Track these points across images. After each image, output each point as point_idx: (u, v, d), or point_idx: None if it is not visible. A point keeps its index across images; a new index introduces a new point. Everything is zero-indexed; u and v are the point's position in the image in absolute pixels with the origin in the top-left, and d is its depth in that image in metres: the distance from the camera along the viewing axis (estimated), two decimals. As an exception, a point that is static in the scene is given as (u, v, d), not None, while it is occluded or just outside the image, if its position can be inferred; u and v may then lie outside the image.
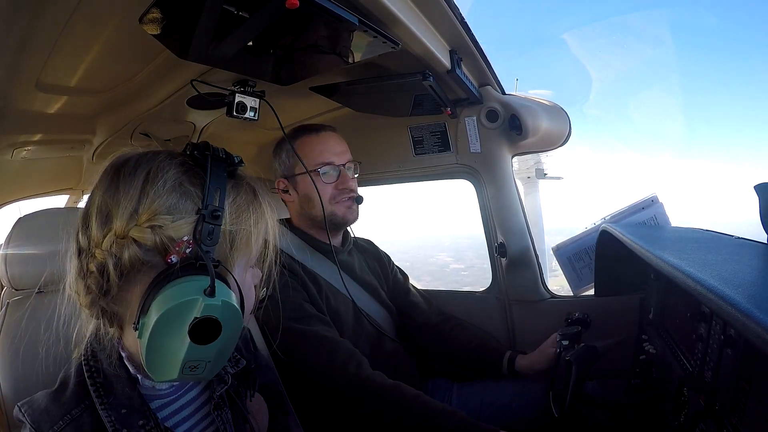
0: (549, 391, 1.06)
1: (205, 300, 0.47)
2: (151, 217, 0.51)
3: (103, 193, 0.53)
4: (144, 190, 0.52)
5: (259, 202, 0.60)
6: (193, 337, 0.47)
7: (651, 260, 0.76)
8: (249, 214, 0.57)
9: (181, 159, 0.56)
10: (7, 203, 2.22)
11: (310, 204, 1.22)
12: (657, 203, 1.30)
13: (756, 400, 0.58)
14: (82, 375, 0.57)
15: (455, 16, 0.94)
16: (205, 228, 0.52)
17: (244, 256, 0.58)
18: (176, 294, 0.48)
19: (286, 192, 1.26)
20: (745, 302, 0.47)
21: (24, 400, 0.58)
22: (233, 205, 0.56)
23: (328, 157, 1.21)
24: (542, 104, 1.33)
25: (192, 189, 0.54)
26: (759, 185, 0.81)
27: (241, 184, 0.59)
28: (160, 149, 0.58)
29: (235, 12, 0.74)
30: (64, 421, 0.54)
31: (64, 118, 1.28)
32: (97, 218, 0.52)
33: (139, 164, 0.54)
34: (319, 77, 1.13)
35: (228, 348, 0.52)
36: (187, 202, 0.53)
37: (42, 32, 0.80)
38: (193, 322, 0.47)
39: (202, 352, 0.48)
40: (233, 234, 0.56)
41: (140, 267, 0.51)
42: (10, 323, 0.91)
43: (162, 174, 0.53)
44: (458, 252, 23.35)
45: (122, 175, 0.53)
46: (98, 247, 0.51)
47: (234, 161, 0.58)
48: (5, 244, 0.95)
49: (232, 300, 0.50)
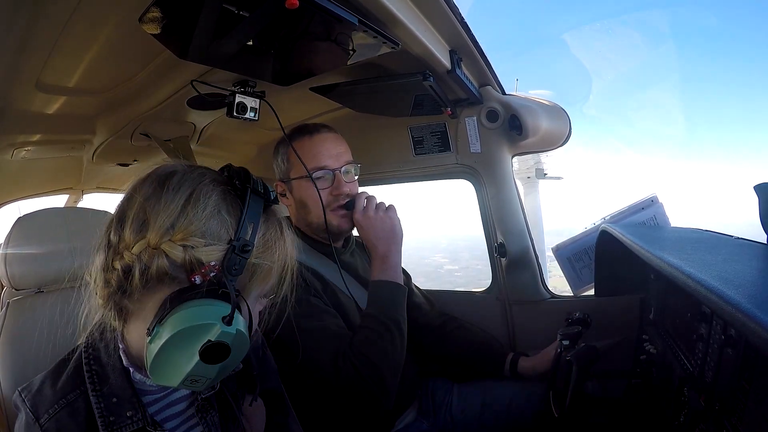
0: (549, 391, 1.06)
1: (222, 327, 0.50)
2: (185, 237, 0.53)
3: (143, 200, 0.55)
4: (185, 209, 0.54)
5: (284, 239, 0.63)
6: (202, 356, 0.50)
7: (651, 260, 0.76)
8: (274, 250, 0.60)
9: (223, 187, 0.58)
10: (7, 203, 2.23)
11: (305, 210, 1.18)
12: (657, 203, 1.30)
13: (756, 400, 0.58)
14: (80, 361, 0.59)
15: (455, 16, 0.94)
16: (233, 258, 0.54)
17: (260, 287, 0.61)
18: (197, 315, 0.51)
19: (283, 195, 1.23)
20: (745, 302, 0.47)
21: (23, 385, 0.59)
22: (262, 239, 0.59)
23: (322, 161, 1.15)
24: (542, 104, 1.32)
25: (228, 218, 0.56)
26: (759, 185, 0.81)
27: (272, 220, 0.62)
28: (204, 168, 0.62)
29: (236, 11, 0.74)
30: (60, 405, 0.55)
31: (64, 118, 1.28)
32: (133, 222, 0.54)
33: (184, 181, 0.57)
34: (319, 77, 1.13)
35: (230, 368, 0.55)
36: (221, 229, 0.55)
37: (42, 32, 0.80)
38: (206, 344, 0.50)
39: (207, 369, 0.51)
40: (256, 266, 0.58)
41: (164, 278, 0.53)
42: (10, 323, 0.91)
43: (204, 198, 0.56)
44: (454, 253, 23.40)
45: (166, 187, 0.56)
46: (128, 249, 0.53)
47: (270, 197, 0.61)
48: (5, 244, 0.95)
49: (245, 329, 0.53)
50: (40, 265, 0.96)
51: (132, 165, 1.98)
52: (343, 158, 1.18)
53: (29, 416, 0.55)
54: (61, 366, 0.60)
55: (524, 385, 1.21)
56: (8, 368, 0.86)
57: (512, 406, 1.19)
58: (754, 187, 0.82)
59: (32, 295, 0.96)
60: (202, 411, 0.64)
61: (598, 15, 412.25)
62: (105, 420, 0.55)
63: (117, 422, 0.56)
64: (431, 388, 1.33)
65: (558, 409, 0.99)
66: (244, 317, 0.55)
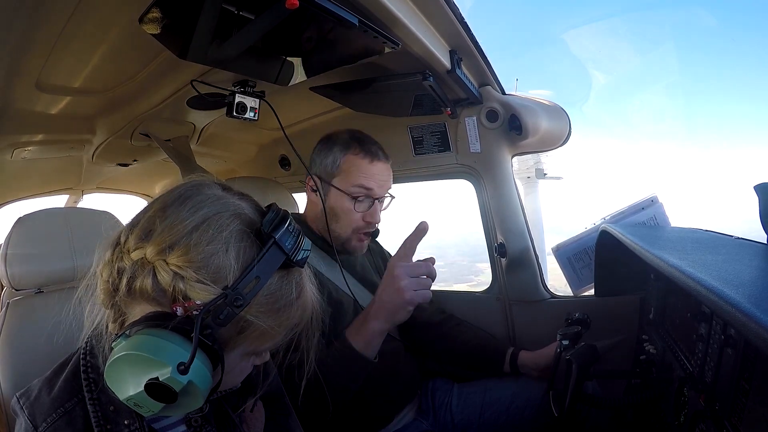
0: (549, 390, 1.06)
1: (173, 373, 0.46)
2: (180, 264, 0.49)
3: (157, 209, 0.53)
4: (190, 235, 0.50)
5: (299, 305, 0.56)
6: (147, 389, 0.47)
7: (651, 260, 0.76)
8: (280, 315, 0.54)
9: (243, 228, 0.52)
10: (7, 203, 2.23)
11: (333, 218, 1.17)
12: (657, 203, 1.30)
13: (756, 400, 0.58)
14: (78, 369, 0.58)
15: (455, 16, 0.94)
16: (221, 307, 0.48)
17: (251, 345, 0.55)
18: (153, 347, 0.46)
19: (314, 191, 1.20)
20: (745, 302, 0.47)
21: (21, 390, 0.58)
22: (268, 298, 0.53)
23: (370, 186, 1.14)
24: (542, 104, 1.32)
25: (233, 263, 0.51)
26: (759, 185, 0.81)
27: (290, 280, 0.55)
28: (240, 197, 0.56)
29: (236, 12, 0.74)
30: (58, 414, 0.54)
31: (64, 118, 1.28)
32: (140, 228, 0.52)
33: (204, 205, 0.53)
34: (319, 77, 1.13)
35: (178, 410, 0.50)
36: (221, 271, 0.50)
37: (42, 32, 0.81)
38: (152, 380, 0.46)
39: (150, 402, 0.48)
40: (249, 323, 0.52)
41: (146, 296, 0.51)
42: (10, 323, 0.91)
43: (215, 230, 0.51)
44: (441, 249, 23.47)
45: (184, 206, 0.52)
46: (128, 253, 0.52)
47: (297, 257, 0.53)
48: (5, 244, 0.95)
49: (200, 383, 0.48)
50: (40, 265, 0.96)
51: (132, 165, 1.98)
52: (385, 187, 1.19)
53: (28, 425, 0.54)
54: (58, 372, 0.58)
55: (524, 385, 1.21)
56: (8, 368, 0.86)
57: (512, 406, 1.20)
58: (754, 187, 0.82)
59: (32, 295, 0.96)
60: (196, 426, 0.62)
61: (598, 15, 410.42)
62: (102, 429, 0.54)
63: (114, 431, 0.55)
64: (431, 387, 1.33)
65: (558, 409, 0.99)
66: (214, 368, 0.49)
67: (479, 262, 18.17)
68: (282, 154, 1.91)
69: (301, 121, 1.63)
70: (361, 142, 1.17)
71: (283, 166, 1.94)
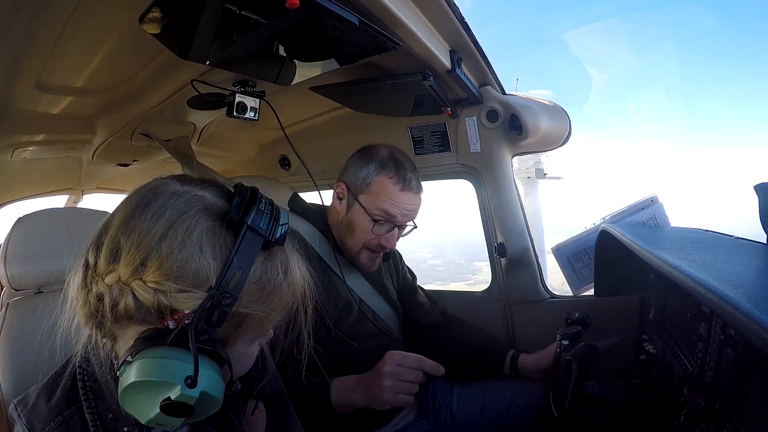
0: (549, 391, 1.06)
1: (183, 389, 0.45)
2: (157, 279, 0.46)
3: (118, 226, 0.49)
4: (159, 245, 0.47)
5: (288, 282, 0.54)
6: (163, 410, 0.46)
7: (651, 260, 0.76)
8: (272, 299, 0.52)
9: (212, 223, 0.50)
10: (7, 203, 2.23)
11: (349, 231, 1.18)
12: (657, 203, 1.30)
13: (756, 400, 0.58)
14: (75, 376, 0.57)
15: (455, 15, 0.94)
16: (212, 310, 0.47)
17: (252, 334, 0.54)
18: (157, 370, 0.45)
19: (340, 199, 1.20)
20: (745, 302, 0.47)
21: (19, 397, 0.58)
22: (256, 285, 0.51)
23: (394, 213, 1.13)
24: (542, 104, 1.32)
25: (211, 262, 0.48)
26: (759, 185, 0.81)
27: (274, 261, 0.53)
28: (201, 189, 0.53)
29: (237, 11, 0.74)
30: (56, 423, 0.54)
31: (64, 118, 1.28)
32: (107, 249, 0.49)
33: (166, 209, 0.49)
34: (319, 77, 1.13)
35: (198, 418, 0.50)
36: (201, 273, 0.48)
37: (42, 32, 0.81)
38: (166, 401, 0.45)
39: (170, 420, 0.47)
40: (244, 316, 0.51)
41: (133, 317, 0.48)
42: (10, 323, 0.91)
43: (184, 233, 0.48)
44: (440, 248, 23.46)
45: (146, 214, 0.48)
46: (102, 277, 0.48)
47: (275, 234, 0.51)
48: (5, 244, 0.95)
49: (213, 390, 0.47)
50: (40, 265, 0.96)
51: (132, 165, 1.98)
52: (409, 217, 1.18)
53: None
54: (55, 380, 0.58)
55: (524, 386, 1.21)
56: (8, 368, 0.86)
57: (512, 407, 1.19)
58: (754, 187, 0.82)
59: (32, 296, 0.96)
60: (198, 429, 0.62)
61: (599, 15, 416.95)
62: None
63: None
64: (431, 388, 1.33)
65: (558, 409, 0.99)
66: (222, 367, 0.49)
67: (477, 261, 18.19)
68: (282, 153, 1.92)
69: (302, 120, 1.63)
70: (398, 165, 1.15)
71: (283, 165, 1.94)
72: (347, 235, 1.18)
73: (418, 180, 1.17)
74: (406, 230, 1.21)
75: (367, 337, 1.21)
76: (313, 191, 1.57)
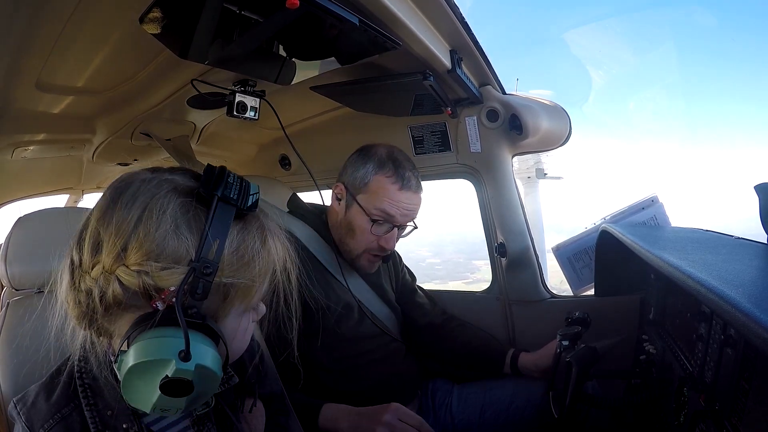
0: (549, 391, 1.06)
1: (177, 363, 0.46)
2: (138, 261, 0.48)
3: (97, 219, 0.51)
4: (136, 229, 0.49)
5: (268, 249, 0.55)
6: (163, 390, 0.47)
7: (651, 260, 0.76)
8: (253, 266, 0.53)
9: (184, 199, 0.51)
10: (7, 203, 2.23)
11: (348, 232, 1.17)
12: (657, 203, 1.30)
13: (756, 400, 0.58)
14: (73, 374, 0.58)
15: (455, 15, 0.94)
16: (195, 282, 0.48)
17: (241, 304, 0.55)
18: (150, 350, 0.46)
19: (338, 199, 1.19)
20: (745, 302, 0.47)
21: (18, 396, 0.59)
22: (235, 255, 0.52)
23: (393, 213, 1.12)
24: (543, 104, 1.32)
25: (188, 236, 0.50)
26: (759, 185, 0.81)
27: (250, 229, 0.54)
28: (170, 174, 0.54)
29: (237, 11, 0.74)
30: (54, 420, 0.55)
31: (65, 117, 1.28)
32: (89, 243, 0.51)
33: (138, 195, 0.51)
34: (320, 77, 1.13)
35: (203, 396, 0.51)
36: (180, 249, 0.49)
37: (42, 32, 0.81)
38: (164, 379, 0.46)
39: (172, 402, 0.48)
40: (229, 286, 0.52)
41: (123, 305, 0.50)
42: (10, 323, 0.90)
43: (158, 213, 0.49)
44: (439, 247, 23.50)
45: (120, 203, 0.50)
46: (87, 273, 0.50)
47: (247, 203, 0.53)
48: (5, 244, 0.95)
49: (208, 362, 0.48)
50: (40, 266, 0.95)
51: (132, 164, 1.98)
52: (409, 217, 1.16)
53: (26, 430, 0.55)
54: (54, 378, 0.58)
55: (524, 386, 1.21)
56: (8, 368, 0.86)
57: (512, 407, 1.20)
58: (754, 187, 0.82)
59: (32, 295, 0.96)
60: (199, 424, 0.62)
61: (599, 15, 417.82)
62: None
63: None
64: (431, 388, 1.33)
65: (558, 409, 0.99)
66: (217, 342, 0.50)
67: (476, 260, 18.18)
68: (282, 153, 1.92)
69: (302, 120, 1.63)
70: (396, 164, 1.14)
71: (283, 165, 1.94)
72: (347, 236, 1.18)
73: (417, 179, 1.16)
74: (406, 231, 1.20)
75: (367, 338, 1.21)
76: (313, 191, 1.57)
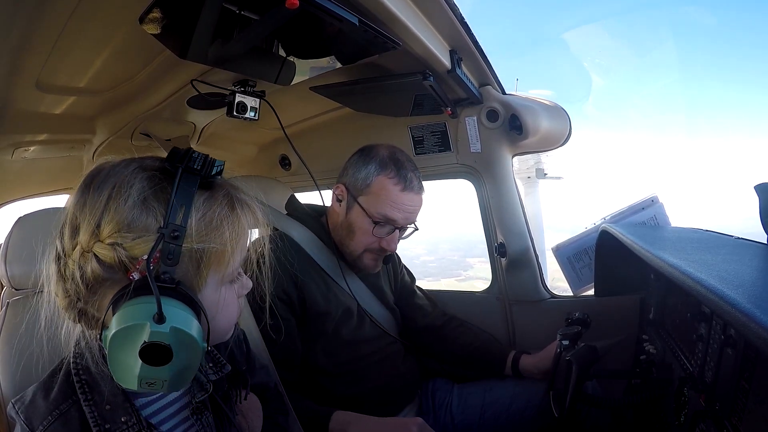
0: (549, 391, 1.06)
1: (152, 326, 0.46)
2: (111, 234, 0.50)
3: (73, 204, 0.54)
4: (107, 206, 0.51)
5: (237, 215, 0.57)
6: (143, 358, 0.47)
7: (651, 260, 0.76)
8: (222, 231, 0.55)
9: (151, 173, 0.54)
10: (8, 203, 2.23)
11: (349, 233, 1.16)
12: (657, 203, 1.30)
13: (756, 400, 0.58)
14: (69, 371, 0.58)
15: (455, 15, 0.94)
16: (165, 248, 0.50)
17: (216, 273, 0.56)
18: (126, 316, 0.47)
19: (339, 201, 1.18)
20: (745, 302, 0.47)
21: (16, 396, 0.59)
22: (202, 221, 0.54)
23: (394, 215, 1.11)
24: (543, 104, 1.32)
25: (155, 205, 0.52)
26: (759, 185, 0.81)
27: (216, 197, 0.56)
28: (139, 158, 0.57)
29: (236, 11, 0.74)
30: (53, 416, 0.55)
31: (65, 118, 1.28)
32: (68, 228, 0.53)
33: (109, 177, 0.53)
34: (320, 77, 1.13)
35: (187, 368, 0.51)
36: (149, 218, 0.52)
37: (42, 32, 0.81)
38: (142, 346, 0.47)
39: (155, 372, 0.48)
40: (200, 252, 0.54)
41: (102, 281, 0.52)
42: (10, 323, 0.90)
43: (126, 188, 0.52)
44: (434, 245, 23.61)
45: (92, 187, 0.53)
46: (69, 257, 0.52)
47: (211, 172, 0.55)
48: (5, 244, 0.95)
49: (185, 326, 0.48)
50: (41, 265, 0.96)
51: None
52: (410, 219, 1.16)
53: (25, 429, 0.55)
54: (52, 376, 0.59)
55: (524, 386, 1.21)
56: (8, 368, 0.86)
57: (512, 406, 1.20)
58: (754, 187, 0.82)
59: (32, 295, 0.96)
60: (197, 412, 0.63)
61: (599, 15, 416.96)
62: (100, 428, 0.55)
63: (112, 429, 0.56)
64: (431, 388, 1.33)
65: (558, 409, 0.99)
66: (195, 312, 0.51)
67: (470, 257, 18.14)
68: (282, 153, 1.91)
69: (302, 120, 1.63)
70: (398, 165, 1.13)
71: (283, 165, 1.94)
72: (347, 237, 1.17)
73: (419, 180, 1.16)
74: (407, 232, 1.20)
75: (367, 340, 1.21)
76: (313, 191, 1.57)
